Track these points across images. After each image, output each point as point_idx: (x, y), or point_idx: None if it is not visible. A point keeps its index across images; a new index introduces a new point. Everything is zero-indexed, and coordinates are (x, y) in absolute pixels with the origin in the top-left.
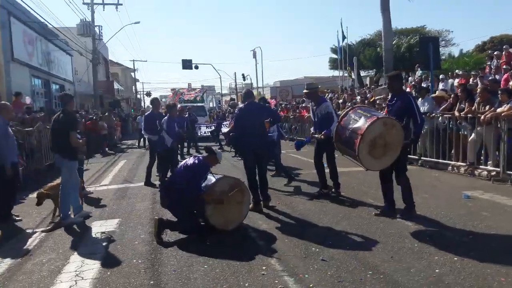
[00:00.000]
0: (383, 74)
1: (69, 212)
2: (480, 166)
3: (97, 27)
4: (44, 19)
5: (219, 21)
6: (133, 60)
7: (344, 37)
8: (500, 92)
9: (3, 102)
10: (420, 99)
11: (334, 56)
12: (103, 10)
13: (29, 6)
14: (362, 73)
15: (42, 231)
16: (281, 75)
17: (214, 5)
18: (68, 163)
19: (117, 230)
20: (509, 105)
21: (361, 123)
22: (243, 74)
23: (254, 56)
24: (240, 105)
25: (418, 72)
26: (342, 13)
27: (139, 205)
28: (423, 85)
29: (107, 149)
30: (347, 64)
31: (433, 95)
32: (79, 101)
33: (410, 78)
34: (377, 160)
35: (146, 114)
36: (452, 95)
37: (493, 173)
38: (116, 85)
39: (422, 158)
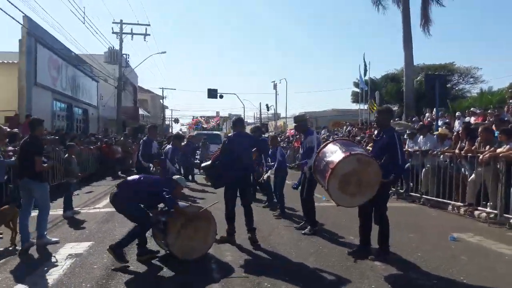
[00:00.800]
0: (403, 109)
1: (45, 233)
2: (479, 208)
3: (124, 55)
4: (67, 46)
5: (245, 53)
6: (162, 88)
7: (365, 71)
8: (499, 132)
9: None
10: (421, 136)
11: (357, 89)
12: (132, 39)
13: (57, 34)
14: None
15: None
16: (309, 106)
17: (241, 37)
18: (39, 185)
19: (84, 253)
20: (508, 146)
21: (334, 156)
22: (267, 105)
23: (275, 87)
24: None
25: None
26: (368, 46)
27: (118, 230)
28: (440, 122)
29: (119, 173)
30: (368, 98)
31: (436, 132)
32: (103, 125)
33: (427, 114)
34: (350, 196)
35: (144, 139)
36: (455, 133)
37: (492, 216)
38: (141, 111)
39: (423, 196)
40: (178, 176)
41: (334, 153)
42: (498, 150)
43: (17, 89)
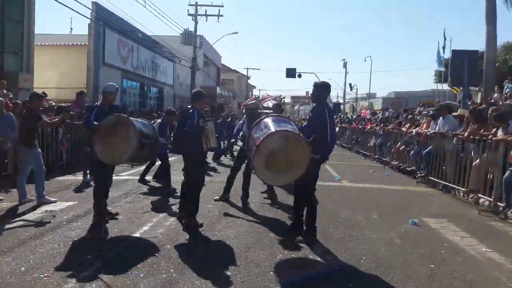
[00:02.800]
0: (481, 88)
1: (43, 192)
2: (479, 195)
3: (199, 36)
4: (138, 28)
5: (327, 32)
6: (247, 68)
7: (444, 48)
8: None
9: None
10: (441, 118)
11: (441, 69)
12: (206, 21)
13: (128, 18)
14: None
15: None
16: (393, 87)
17: (324, 14)
18: (30, 151)
19: (59, 212)
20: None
21: (262, 133)
22: (350, 84)
23: (344, 66)
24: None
25: (507, 87)
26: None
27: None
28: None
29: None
30: (448, 78)
31: (454, 113)
32: (179, 102)
33: (496, 95)
34: (276, 174)
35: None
36: (466, 115)
37: (487, 204)
38: (219, 90)
39: (439, 180)
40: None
41: (263, 129)
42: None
43: (86, 68)
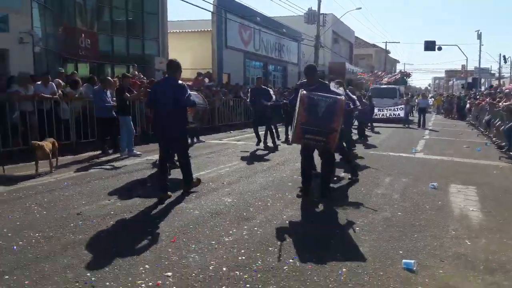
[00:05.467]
0: None
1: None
2: None
3: (322, 14)
4: (260, 12)
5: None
6: (386, 42)
7: None
8: None
9: (107, 77)
10: None
11: None
12: None
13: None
14: None
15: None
16: None
17: None
18: (123, 118)
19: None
20: None
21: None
22: (504, 56)
23: (479, 37)
24: None
25: None
26: None
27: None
28: None
29: None
30: None
31: None
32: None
33: None
34: None
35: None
36: None
37: None
38: (349, 66)
39: None
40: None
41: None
42: None
43: (211, 52)
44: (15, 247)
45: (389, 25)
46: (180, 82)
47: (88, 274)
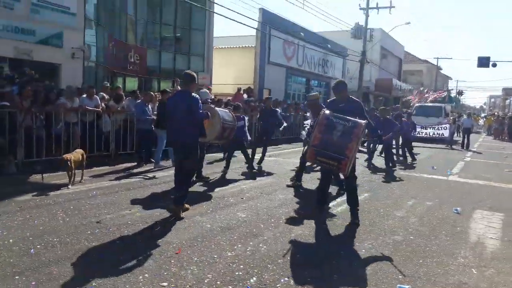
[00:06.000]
0: None
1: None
2: None
3: (369, 29)
4: (305, 28)
5: None
6: (437, 58)
7: None
8: None
9: (149, 91)
10: None
11: None
12: (377, 13)
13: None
14: None
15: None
16: None
17: None
18: (158, 131)
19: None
20: None
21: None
22: None
23: None
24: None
25: None
26: None
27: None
28: None
29: None
30: None
31: None
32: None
33: None
34: None
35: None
36: None
37: None
38: (397, 83)
39: None
40: None
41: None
42: None
43: (253, 67)
44: (32, 250)
45: (444, 40)
46: (193, 94)
47: (90, 279)
